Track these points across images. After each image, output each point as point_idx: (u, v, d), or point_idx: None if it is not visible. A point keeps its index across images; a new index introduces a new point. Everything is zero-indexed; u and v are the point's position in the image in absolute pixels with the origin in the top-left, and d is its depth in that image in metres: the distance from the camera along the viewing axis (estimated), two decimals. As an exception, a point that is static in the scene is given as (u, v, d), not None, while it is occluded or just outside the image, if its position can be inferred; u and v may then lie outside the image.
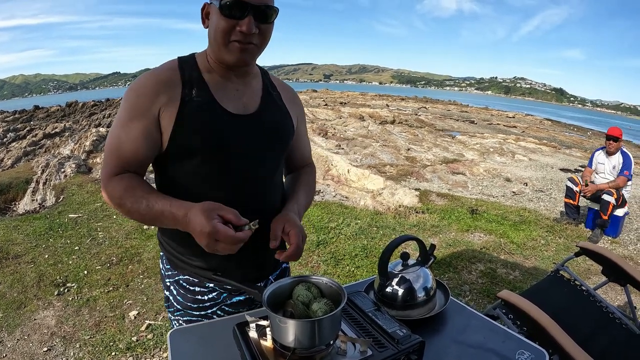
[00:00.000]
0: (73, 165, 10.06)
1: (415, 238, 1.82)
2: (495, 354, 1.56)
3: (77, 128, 19.81)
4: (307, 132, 2.05)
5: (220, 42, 1.49)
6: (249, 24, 1.44)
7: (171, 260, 1.78)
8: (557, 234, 6.73)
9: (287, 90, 1.87)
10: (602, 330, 2.98)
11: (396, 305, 1.74)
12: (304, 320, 1.26)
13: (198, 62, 1.62)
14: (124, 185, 1.49)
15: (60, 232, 6.32)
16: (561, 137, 27.80)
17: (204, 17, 1.56)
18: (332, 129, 16.72)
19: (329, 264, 5.24)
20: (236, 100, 1.63)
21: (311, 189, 1.95)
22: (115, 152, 1.54)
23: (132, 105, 1.52)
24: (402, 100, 49.24)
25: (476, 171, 11.62)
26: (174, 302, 1.79)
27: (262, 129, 1.66)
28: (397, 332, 1.41)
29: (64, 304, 4.41)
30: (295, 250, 1.54)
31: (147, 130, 1.51)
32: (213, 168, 1.58)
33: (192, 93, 1.54)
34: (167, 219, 1.41)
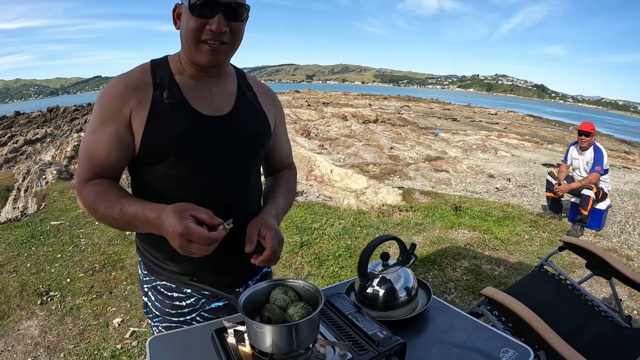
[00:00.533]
0: (54, 171, 9.95)
1: (395, 238, 1.79)
2: (480, 353, 1.54)
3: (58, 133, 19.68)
4: (286, 133, 2.02)
5: (191, 42, 1.46)
6: (218, 23, 1.41)
7: (148, 265, 1.75)
8: (540, 229, 6.75)
9: (264, 91, 1.83)
10: (588, 324, 2.98)
11: (377, 306, 1.72)
12: (281, 325, 1.23)
13: (170, 64, 1.59)
14: (97, 190, 1.47)
15: (42, 240, 6.23)
16: (543, 133, 27.98)
17: (175, 18, 1.53)
18: (314, 129, 16.71)
19: (313, 265, 5.21)
20: (209, 102, 1.59)
21: (291, 192, 1.91)
22: (88, 157, 1.52)
23: (102, 110, 1.50)
24: (385, 99, 49.39)
25: (459, 168, 11.66)
26: (152, 308, 1.77)
27: (235, 130, 1.63)
28: (378, 334, 1.39)
29: (47, 313, 4.35)
30: (271, 254, 1.50)
31: (119, 134, 1.49)
32: (186, 170, 1.55)
33: (163, 95, 1.52)
34: (141, 222, 1.37)
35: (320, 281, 4.81)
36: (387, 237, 1.79)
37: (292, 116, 22.57)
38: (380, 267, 1.80)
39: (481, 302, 2.92)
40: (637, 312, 4.45)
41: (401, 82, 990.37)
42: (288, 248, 5.67)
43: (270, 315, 1.30)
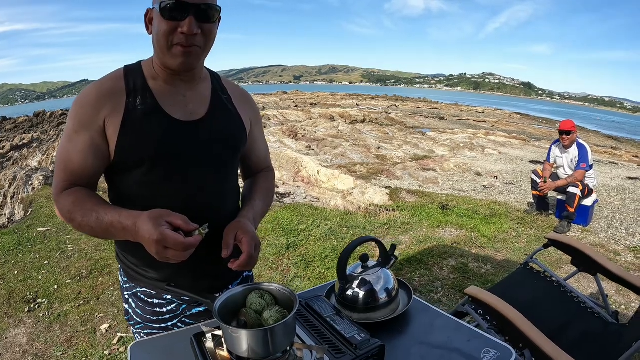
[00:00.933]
0: (41, 177, 9.89)
1: (375, 239, 1.78)
2: (460, 353, 1.53)
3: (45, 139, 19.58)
4: (263, 135, 1.99)
5: (163, 45, 1.44)
6: (190, 25, 1.39)
7: (127, 272, 1.73)
8: (527, 226, 6.76)
9: (239, 93, 1.80)
10: (575, 321, 2.98)
11: (358, 308, 1.70)
12: (256, 330, 1.23)
13: (143, 70, 1.57)
14: (73, 199, 1.46)
15: (29, 247, 6.18)
16: (530, 130, 28.15)
17: (147, 23, 1.51)
18: (302, 130, 16.71)
19: (300, 267, 5.19)
20: (183, 107, 1.57)
21: (269, 195, 1.90)
22: (64, 165, 1.51)
23: (76, 118, 1.49)
24: (372, 99, 49.53)
25: (447, 167, 11.68)
26: (133, 315, 1.75)
27: (210, 134, 1.61)
28: (356, 336, 1.38)
29: (35, 321, 4.30)
30: (247, 259, 1.49)
31: (93, 141, 1.48)
32: (160, 176, 1.54)
33: (137, 102, 1.50)
34: (117, 230, 1.37)
35: (306, 283, 4.79)
36: (366, 238, 1.78)
37: (280, 117, 22.58)
38: (360, 269, 1.78)
39: (465, 301, 2.91)
40: (624, 307, 4.46)
41: (389, 82, 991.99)
42: (274, 250, 5.64)
43: (247, 319, 1.29)
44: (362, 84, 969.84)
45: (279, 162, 10.37)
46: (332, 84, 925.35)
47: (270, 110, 26.22)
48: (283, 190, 8.60)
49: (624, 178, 10.95)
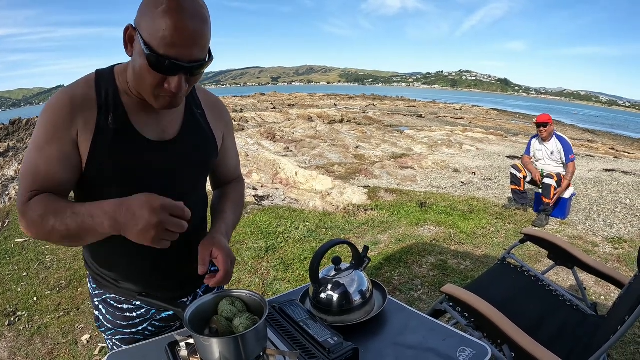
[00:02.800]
0: (17, 187, 9.76)
1: (346, 242, 1.77)
2: (436, 353, 1.52)
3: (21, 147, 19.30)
4: (235, 146, 1.95)
5: (147, 91, 1.35)
6: (178, 83, 1.31)
7: (96, 279, 1.70)
8: (506, 220, 6.80)
9: (212, 106, 1.74)
10: (554, 314, 2.98)
11: (332, 311, 1.69)
12: (227, 338, 1.22)
13: (117, 80, 1.48)
14: (44, 201, 1.35)
15: (7, 259, 6.07)
16: (507, 126, 28.36)
17: (126, 41, 1.35)
18: (280, 131, 16.67)
19: (279, 270, 5.16)
20: (154, 126, 1.51)
21: (239, 206, 1.87)
22: (32, 177, 1.39)
23: (47, 127, 1.39)
24: (350, 98, 49.60)
25: (425, 164, 11.72)
26: (104, 321, 1.72)
27: (181, 154, 1.57)
28: (329, 340, 1.37)
29: (15, 334, 4.23)
30: (225, 276, 1.46)
31: (65, 152, 1.39)
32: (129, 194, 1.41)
33: (109, 119, 1.41)
34: (98, 218, 1.24)
35: (286, 285, 4.77)
36: (337, 241, 1.77)
37: (258, 119, 22.55)
38: (333, 272, 1.77)
39: (443, 299, 2.91)
40: (604, 298, 4.49)
41: (366, 81, 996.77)
42: (253, 254, 5.61)
43: (218, 327, 1.28)
44: (340, 84, 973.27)
45: (257, 165, 10.32)
46: (310, 85, 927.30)
47: (248, 113, 26.11)
48: (262, 193, 8.56)
49: (601, 170, 11.06)
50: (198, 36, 1.27)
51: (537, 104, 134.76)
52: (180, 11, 1.22)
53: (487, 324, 2.36)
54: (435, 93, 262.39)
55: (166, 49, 1.23)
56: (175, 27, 1.21)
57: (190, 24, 1.24)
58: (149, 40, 1.24)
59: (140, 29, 1.27)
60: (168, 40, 1.22)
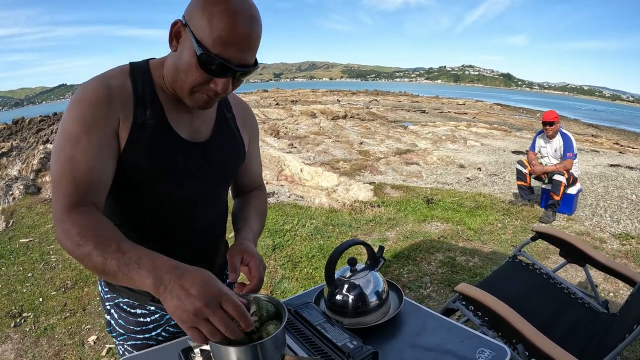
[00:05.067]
0: (21, 186, 9.73)
1: (362, 242, 1.74)
2: (455, 355, 1.49)
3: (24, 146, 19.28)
4: (259, 154, 1.92)
5: (186, 88, 1.31)
6: (225, 85, 1.28)
7: (108, 282, 1.66)
8: (513, 216, 6.78)
9: (242, 111, 1.72)
10: (565, 312, 2.97)
11: (348, 313, 1.65)
12: (245, 346, 1.15)
13: (153, 75, 1.43)
14: (89, 221, 1.22)
15: (12, 260, 6.05)
16: (511, 121, 28.31)
17: (172, 36, 1.29)
18: (283, 128, 16.64)
19: (286, 268, 5.15)
20: (188, 124, 1.48)
21: (263, 215, 1.82)
22: (71, 175, 1.26)
23: (85, 117, 1.28)
24: (353, 94, 49.58)
25: (430, 160, 11.68)
26: (116, 326, 1.67)
27: (213, 158, 1.53)
28: (348, 344, 1.34)
29: (21, 336, 4.22)
30: (258, 283, 1.40)
31: (106, 143, 1.31)
32: (158, 196, 1.46)
33: (146, 114, 1.37)
34: (144, 270, 1.10)
35: (294, 284, 4.75)
36: (353, 241, 1.73)
37: (261, 116, 22.49)
38: (349, 273, 1.73)
39: (455, 298, 2.89)
40: (613, 295, 4.47)
41: (369, 77, 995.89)
42: (260, 252, 5.54)
43: None
44: (343, 80, 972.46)
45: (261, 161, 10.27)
46: (312, 81, 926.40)
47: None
48: (267, 190, 8.55)
49: (606, 165, 11.02)
50: (252, 40, 1.25)
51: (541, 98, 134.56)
52: (240, 13, 1.20)
53: (502, 324, 2.34)
54: (438, 88, 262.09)
55: (220, 49, 1.20)
56: (232, 28, 1.19)
57: (247, 28, 1.22)
58: (202, 38, 1.20)
59: (191, 26, 1.23)
60: (223, 41, 1.20)
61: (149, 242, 1.23)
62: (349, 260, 1.78)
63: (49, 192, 9.71)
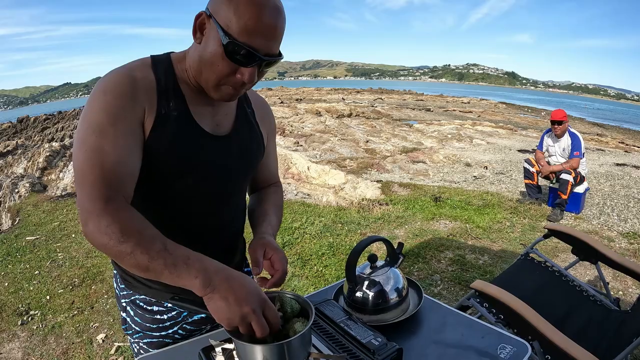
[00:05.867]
0: (27, 184, 9.75)
1: (382, 239, 1.73)
2: (476, 351, 1.49)
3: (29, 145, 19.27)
4: (276, 150, 1.90)
5: (212, 81, 1.30)
6: (252, 74, 1.27)
7: (125, 279, 1.64)
8: (521, 215, 6.77)
9: (261, 106, 1.72)
10: (578, 310, 2.98)
11: (368, 310, 1.65)
12: (272, 344, 1.14)
13: (175, 68, 1.42)
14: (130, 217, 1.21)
15: (18, 257, 6.05)
16: (516, 119, 28.25)
17: (196, 29, 1.29)
18: (289, 126, 16.65)
19: (296, 266, 5.14)
20: (210, 117, 1.47)
21: (280, 210, 1.80)
22: (99, 167, 1.22)
23: (111, 108, 1.25)
24: (358, 92, 49.47)
25: (436, 158, 11.68)
26: (132, 324, 1.65)
27: (234, 151, 1.52)
28: (373, 341, 1.34)
29: (29, 334, 4.20)
30: (282, 277, 1.42)
31: (135, 135, 1.29)
32: (180, 190, 1.44)
33: (170, 105, 1.36)
34: (190, 268, 1.13)
35: (304, 282, 4.75)
36: (374, 238, 1.72)
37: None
38: (369, 270, 1.73)
39: (470, 295, 2.89)
40: (622, 293, 4.48)
41: (373, 75, 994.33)
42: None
43: None
44: (347, 78, 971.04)
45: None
46: (316, 79, 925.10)
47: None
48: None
49: (612, 164, 11.01)
50: (279, 30, 1.25)
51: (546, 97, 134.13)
52: (266, 4, 1.20)
53: (519, 321, 2.34)
54: (442, 86, 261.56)
55: (247, 38, 1.20)
56: (259, 17, 1.19)
57: (274, 17, 1.22)
58: (228, 28, 1.20)
59: (216, 16, 1.22)
60: (250, 29, 1.19)
61: (170, 236, 1.22)
62: (369, 256, 1.78)
63: (55, 190, 9.73)
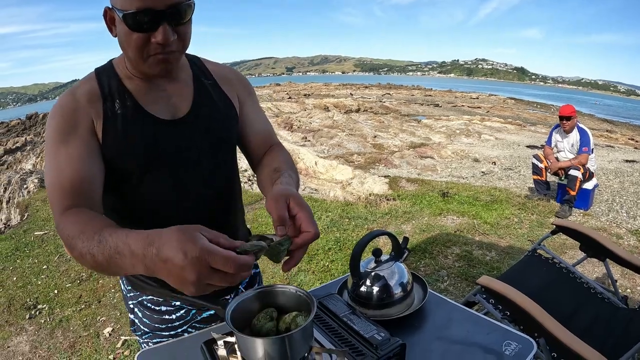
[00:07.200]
0: (36, 180, 9.79)
1: (387, 233, 1.71)
2: (481, 347, 1.47)
3: (38, 141, 19.37)
4: (261, 112, 1.77)
5: (138, 58, 1.29)
6: (164, 34, 1.23)
7: (131, 280, 1.63)
8: (529, 211, 6.74)
9: (223, 74, 1.64)
10: (586, 307, 2.96)
11: (372, 304, 1.63)
12: (273, 337, 1.13)
13: (117, 70, 1.43)
14: (74, 219, 1.17)
15: (27, 252, 6.08)
16: (525, 115, 28.15)
17: (108, 24, 1.32)
18: (297, 121, 16.66)
19: (303, 261, 5.11)
20: (165, 104, 1.44)
21: (294, 167, 1.56)
22: (57, 183, 1.26)
23: (58, 128, 1.30)
24: (366, 88, 49.47)
25: (444, 154, 11.66)
26: (140, 325, 1.65)
27: (198, 130, 1.49)
28: (375, 336, 1.32)
29: (36, 328, 4.22)
30: (313, 238, 1.15)
31: (87, 145, 1.31)
32: (152, 186, 1.42)
33: (115, 106, 1.37)
34: (124, 257, 0.97)
35: (311, 276, 4.75)
36: (379, 232, 1.71)
37: (274, 110, 22.48)
38: (373, 264, 1.71)
39: (477, 291, 2.87)
40: (630, 291, 4.45)
41: (381, 71, 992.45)
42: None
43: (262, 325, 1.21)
44: (355, 74, 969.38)
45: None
46: (324, 74, 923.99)
47: (264, 103, 26.02)
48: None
49: (621, 161, 10.95)
50: None
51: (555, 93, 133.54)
52: None
53: (525, 317, 2.33)
54: (451, 82, 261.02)
55: (138, 4, 1.19)
56: None
57: None
58: (123, 6, 1.20)
59: (114, 4, 1.24)
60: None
61: None
62: (373, 251, 1.76)
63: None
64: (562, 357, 2.25)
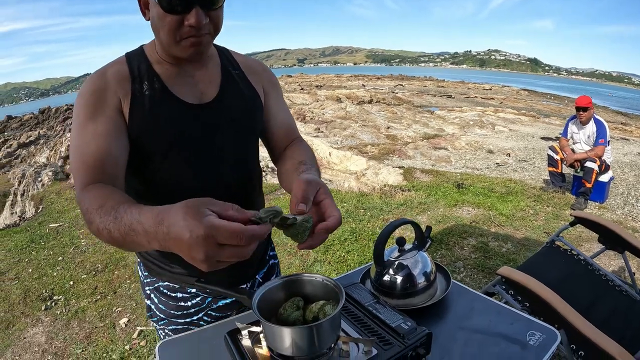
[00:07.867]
0: (50, 173, 9.84)
1: (411, 221, 1.71)
2: (505, 337, 1.48)
3: (51, 134, 19.43)
4: (285, 105, 1.80)
5: (170, 40, 1.31)
6: (197, 17, 1.25)
7: (148, 266, 1.66)
8: (544, 203, 6.71)
9: (251, 65, 1.68)
10: (603, 299, 2.96)
11: (395, 294, 1.64)
12: (301, 327, 1.13)
13: (147, 54, 1.46)
14: (93, 194, 1.17)
15: (42, 244, 6.14)
16: (539, 106, 27.94)
17: (142, 8, 1.35)
18: (310, 112, 16.63)
19: (319, 251, 5.15)
20: (192, 88, 1.47)
21: (316, 164, 1.53)
22: (81, 159, 1.28)
23: (87, 106, 1.33)
24: (378, 79, 49.23)
25: (458, 145, 11.61)
26: (156, 311, 1.67)
27: (224, 116, 1.51)
28: (402, 325, 1.31)
29: (52, 319, 4.26)
30: (338, 223, 1.14)
31: (114, 122, 1.33)
32: (174, 167, 1.44)
33: (143, 87, 1.40)
34: (138, 234, 0.97)
35: (327, 267, 4.76)
36: (403, 221, 1.71)
37: (287, 101, 22.40)
38: (397, 253, 1.72)
39: (497, 281, 2.87)
40: (646, 284, 4.42)
41: (393, 62, 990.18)
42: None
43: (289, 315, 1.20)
44: (367, 65, 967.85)
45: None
46: (336, 66, 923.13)
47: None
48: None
49: (637, 154, 10.86)
50: None
51: (569, 84, 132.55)
52: None
53: (546, 308, 2.32)
54: (463, 73, 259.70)
55: None
56: None
57: None
58: None
59: None
60: None
61: None
62: (397, 240, 1.76)
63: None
64: (581, 349, 2.25)
